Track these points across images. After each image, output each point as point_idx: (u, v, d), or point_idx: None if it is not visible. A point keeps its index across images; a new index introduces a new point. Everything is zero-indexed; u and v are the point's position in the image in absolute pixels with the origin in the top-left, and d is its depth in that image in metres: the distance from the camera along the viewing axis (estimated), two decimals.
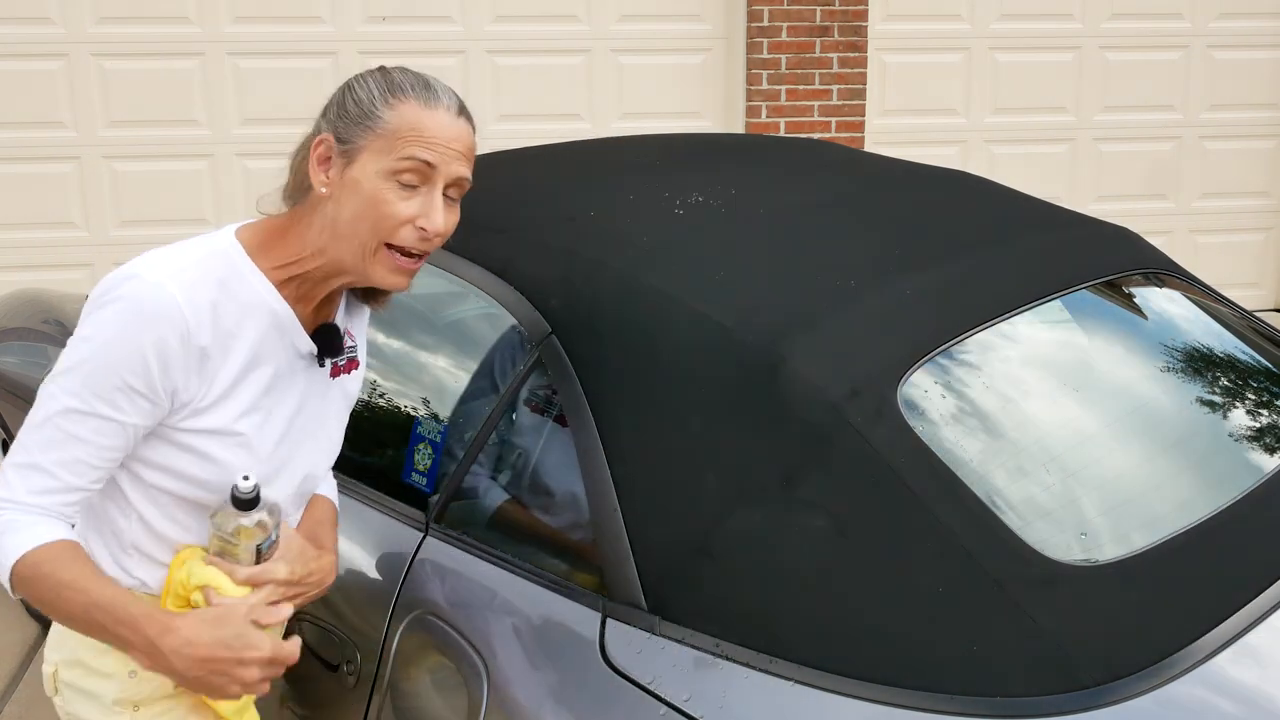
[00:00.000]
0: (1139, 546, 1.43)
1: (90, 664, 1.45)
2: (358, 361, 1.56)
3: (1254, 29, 5.98)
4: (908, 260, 1.72)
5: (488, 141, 1.46)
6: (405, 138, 1.31)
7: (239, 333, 1.36)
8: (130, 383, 1.29)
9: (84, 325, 1.32)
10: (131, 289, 1.29)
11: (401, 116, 1.32)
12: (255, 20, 5.15)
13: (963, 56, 5.77)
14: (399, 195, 1.32)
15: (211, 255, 1.36)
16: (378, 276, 1.36)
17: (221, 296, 1.35)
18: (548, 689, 1.46)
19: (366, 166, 1.32)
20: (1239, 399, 1.81)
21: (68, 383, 1.31)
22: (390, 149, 1.32)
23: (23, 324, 3.33)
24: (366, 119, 1.33)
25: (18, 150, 5.07)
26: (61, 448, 1.31)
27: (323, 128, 1.36)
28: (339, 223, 1.34)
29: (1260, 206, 6.19)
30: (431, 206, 1.33)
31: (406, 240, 1.34)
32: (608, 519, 1.51)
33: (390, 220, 1.32)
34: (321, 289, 1.42)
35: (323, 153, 1.35)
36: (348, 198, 1.33)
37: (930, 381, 1.54)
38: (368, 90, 1.34)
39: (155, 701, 1.47)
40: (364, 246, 1.34)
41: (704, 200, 1.90)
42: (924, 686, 1.28)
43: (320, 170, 1.35)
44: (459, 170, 1.35)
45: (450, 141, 1.34)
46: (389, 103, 1.33)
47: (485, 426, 1.75)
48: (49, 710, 2.84)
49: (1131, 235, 2.07)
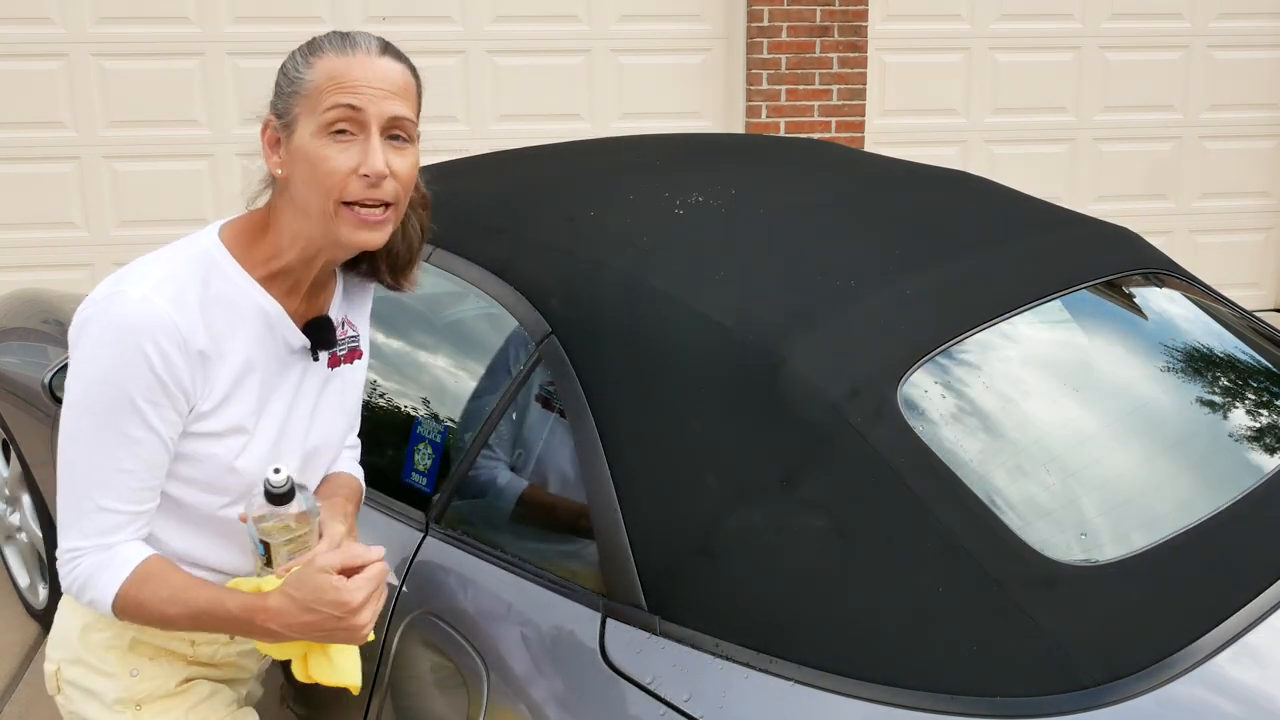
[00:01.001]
0: (1139, 546, 1.43)
1: (92, 663, 1.46)
2: (360, 351, 1.55)
3: (1254, 29, 5.98)
4: (908, 260, 1.72)
5: (488, 142, 1.46)
6: (325, 89, 1.29)
7: (230, 333, 1.36)
8: (147, 398, 1.28)
9: (78, 352, 1.30)
10: (118, 309, 1.27)
11: (319, 70, 1.31)
12: (255, 20, 5.15)
13: (963, 56, 5.77)
14: (336, 150, 1.29)
15: (194, 259, 1.35)
16: (345, 237, 1.32)
17: (208, 298, 1.34)
18: (548, 689, 1.46)
19: (303, 132, 1.31)
20: (1239, 399, 1.81)
21: (88, 420, 1.29)
22: (316, 105, 1.30)
23: (23, 324, 3.33)
24: (293, 85, 1.32)
25: (18, 150, 5.07)
26: (112, 483, 1.31)
27: (267, 113, 1.36)
28: (299, 197, 1.32)
29: (1260, 206, 6.19)
30: (368, 150, 1.29)
31: (355, 192, 1.30)
32: (608, 519, 1.51)
33: (332, 176, 1.29)
34: (306, 275, 1.40)
35: (270, 135, 1.35)
36: (297, 169, 1.31)
37: (930, 381, 1.54)
38: (293, 60, 1.34)
39: (156, 700, 1.47)
40: (323, 212, 1.31)
41: (704, 200, 1.90)
42: (924, 686, 1.28)
43: (273, 154, 1.34)
44: (391, 108, 1.31)
45: (373, 80, 1.30)
46: (309, 62, 1.32)
47: (485, 426, 1.75)
48: (49, 710, 2.84)
49: (1131, 235, 2.07)
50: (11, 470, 3.32)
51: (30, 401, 2.99)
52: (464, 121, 5.33)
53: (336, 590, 1.27)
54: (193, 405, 1.33)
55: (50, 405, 2.70)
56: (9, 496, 3.36)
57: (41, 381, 2.65)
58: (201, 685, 1.51)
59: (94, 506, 1.31)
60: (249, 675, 1.64)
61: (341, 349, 1.50)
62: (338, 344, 1.49)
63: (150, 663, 1.46)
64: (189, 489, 1.39)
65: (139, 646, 1.46)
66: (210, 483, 1.38)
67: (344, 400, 1.55)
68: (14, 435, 3.14)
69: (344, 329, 1.51)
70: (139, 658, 1.46)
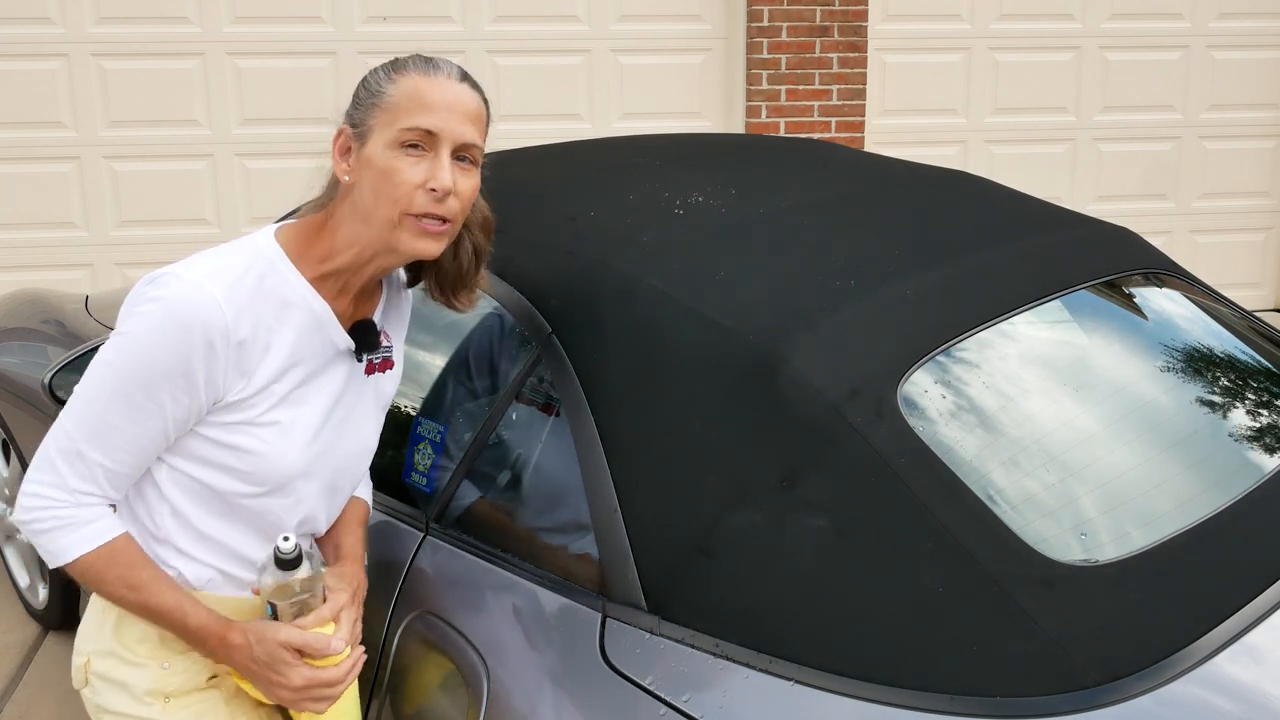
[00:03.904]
0: (1139, 546, 1.43)
1: (124, 655, 1.48)
2: (393, 362, 1.59)
3: (1254, 29, 5.98)
4: (908, 260, 1.72)
5: (488, 142, 1.47)
6: (405, 107, 1.37)
7: (278, 329, 1.40)
8: (172, 380, 1.33)
9: (125, 323, 1.35)
10: (171, 289, 1.33)
11: (402, 88, 1.38)
12: (255, 20, 5.15)
13: (963, 56, 5.77)
14: (408, 163, 1.37)
15: (249, 256, 1.41)
16: (405, 245, 1.39)
17: (260, 292, 1.39)
18: (547, 689, 1.46)
19: (377, 143, 1.38)
20: (1239, 399, 1.81)
21: (110, 376, 1.34)
22: (394, 120, 1.37)
23: (23, 324, 3.33)
24: (373, 98, 1.40)
25: (18, 150, 5.07)
26: (106, 439, 1.35)
27: (342, 122, 1.43)
28: (362, 204, 1.39)
29: (1260, 206, 6.19)
30: (438, 167, 1.37)
31: (420, 205, 1.37)
32: (608, 519, 1.51)
33: (401, 187, 1.36)
34: (357, 280, 1.46)
35: (342, 143, 1.42)
36: (366, 176, 1.38)
37: (930, 381, 1.54)
38: (375, 75, 1.42)
39: (186, 694, 1.48)
40: (387, 220, 1.38)
41: (704, 200, 1.90)
42: (924, 686, 1.28)
43: (342, 160, 1.42)
44: (464, 133, 1.39)
45: (451, 105, 1.38)
46: (392, 79, 1.40)
47: (485, 426, 1.75)
48: (49, 710, 2.84)
49: (1131, 235, 2.07)
50: (11, 470, 3.32)
51: (30, 401, 2.99)
52: None
53: (285, 666, 1.38)
54: (218, 399, 1.37)
55: (50, 405, 2.70)
56: (9, 496, 3.36)
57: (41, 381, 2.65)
58: (228, 682, 1.52)
59: (79, 450, 1.35)
60: None
61: (378, 357, 1.55)
62: (379, 350, 1.54)
63: (181, 657, 1.48)
64: (226, 477, 1.42)
65: (170, 641, 1.48)
66: (248, 472, 1.41)
67: (375, 409, 1.58)
68: (14, 435, 3.15)
69: (382, 339, 1.55)
70: (170, 651, 1.48)
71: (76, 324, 3.17)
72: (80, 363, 2.62)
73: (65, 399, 2.56)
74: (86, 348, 2.69)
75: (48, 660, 3.09)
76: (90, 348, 2.67)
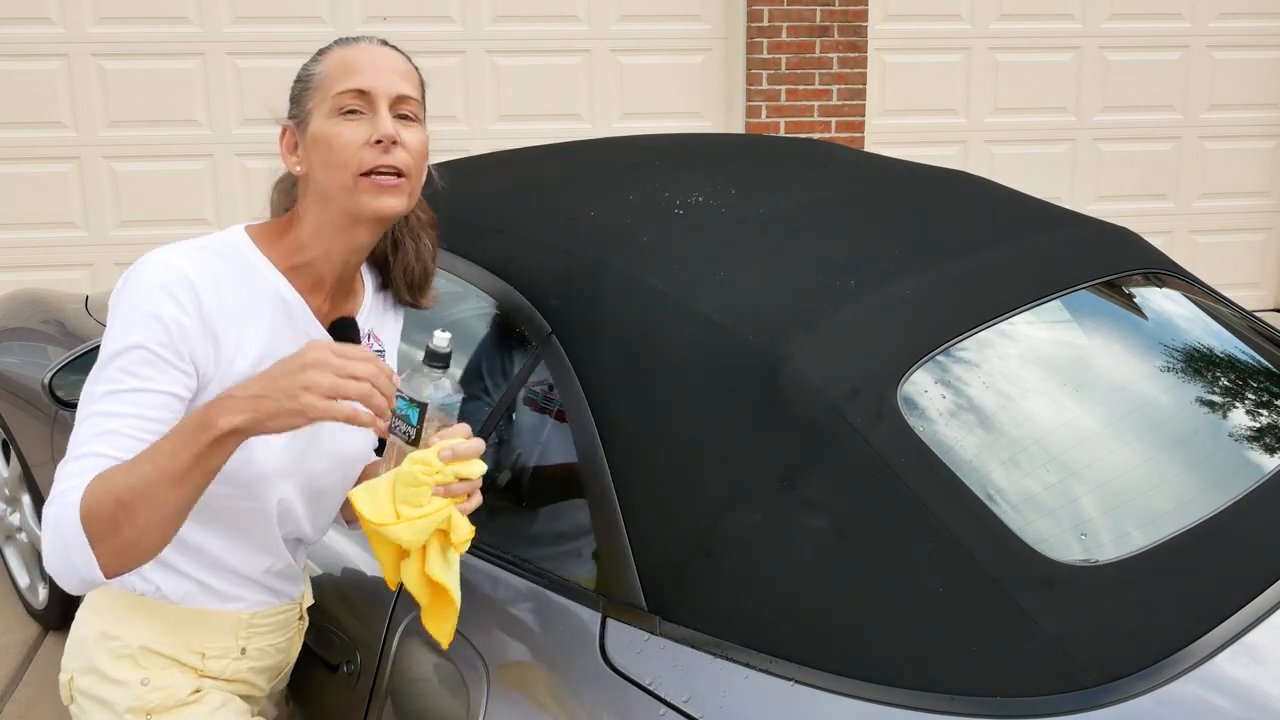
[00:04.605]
0: (1139, 546, 1.43)
1: (105, 672, 1.46)
2: None
3: (1254, 29, 5.99)
4: (908, 260, 1.72)
5: (488, 142, 1.48)
6: (335, 76, 1.40)
7: (250, 319, 1.39)
8: (154, 350, 1.31)
9: (108, 318, 1.36)
10: (142, 269, 1.35)
11: (328, 63, 1.42)
12: (255, 20, 5.15)
13: (963, 56, 5.77)
14: (349, 127, 1.38)
15: (218, 244, 1.42)
16: (367, 207, 1.38)
17: (230, 278, 1.39)
18: (547, 689, 1.46)
19: (317, 120, 1.40)
20: (1239, 399, 1.81)
21: (104, 373, 1.33)
22: (327, 92, 1.40)
23: (23, 324, 3.33)
24: (305, 84, 1.43)
25: (18, 150, 5.07)
26: (110, 430, 1.32)
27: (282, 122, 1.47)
28: (318, 184, 1.40)
29: (1260, 206, 6.19)
30: (379, 120, 1.38)
31: (369, 160, 1.37)
32: (607, 519, 1.51)
33: (346, 149, 1.37)
34: (330, 272, 1.45)
35: (288, 140, 1.45)
36: (314, 156, 1.40)
37: (930, 381, 1.54)
38: (303, 66, 1.46)
39: (168, 710, 1.47)
40: (342, 187, 1.38)
41: (704, 200, 1.90)
42: (924, 686, 1.28)
43: (291, 155, 1.44)
44: (397, 87, 1.40)
45: (378, 64, 1.40)
46: (317, 60, 1.44)
47: (485, 426, 1.75)
48: (49, 710, 2.84)
49: (1131, 235, 2.07)
50: (11, 470, 3.32)
51: (30, 401, 2.99)
52: (464, 121, 5.33)
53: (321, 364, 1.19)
54: (203, 381, 1.35)
55: (50, 405, 2.70)
56: (9, 496, 3.36)
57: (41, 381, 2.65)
58: (214, 695, 1.51)
59: (89, 451, 1.29)
60: (262, 694, 1.62)
61: None
62: None
63: (161, 672, 1.46)
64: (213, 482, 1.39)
65: (148, 656, 1.46)
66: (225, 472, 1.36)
67: None
68: (14, 435, 3.15)
69: (369, 341, 1.54)
70: (149, 668, 1.46)
71: (76, 324, 3.17)
72: (80, 363, 2.62)
73: (65, 399, 2.57)
74: (86, 348, 2.69)
75: (48, 660, 3.09)
76: (90, 348, 2.67)
